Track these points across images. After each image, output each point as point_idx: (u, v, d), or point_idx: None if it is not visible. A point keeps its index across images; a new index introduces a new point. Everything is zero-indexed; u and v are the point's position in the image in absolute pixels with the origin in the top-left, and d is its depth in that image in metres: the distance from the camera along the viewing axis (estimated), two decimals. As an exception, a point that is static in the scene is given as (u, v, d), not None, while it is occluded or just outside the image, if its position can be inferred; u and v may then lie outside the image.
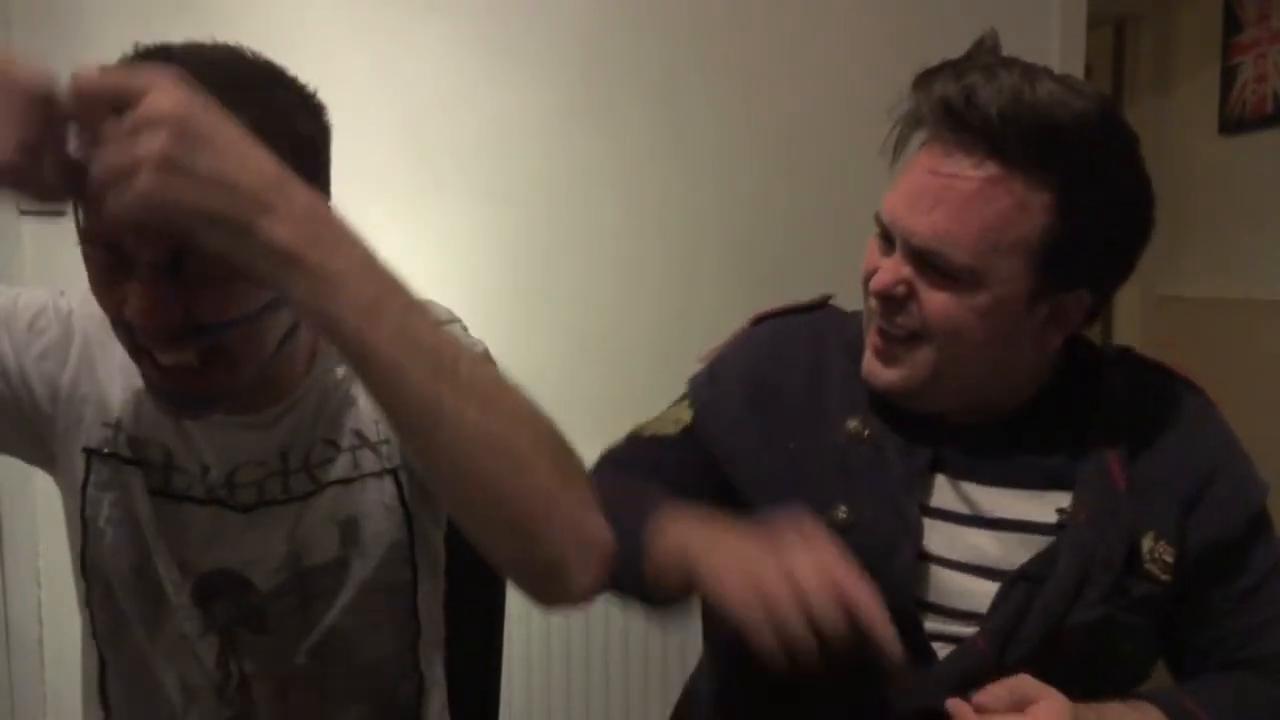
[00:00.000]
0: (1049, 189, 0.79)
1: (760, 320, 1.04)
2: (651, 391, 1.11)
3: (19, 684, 1.86)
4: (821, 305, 1.04)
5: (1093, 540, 0.84)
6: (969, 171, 0.80)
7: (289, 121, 0.75)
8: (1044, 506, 0.87)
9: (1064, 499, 0.87)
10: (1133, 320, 3.06)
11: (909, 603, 0.86)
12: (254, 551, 0.87)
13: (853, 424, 0.91)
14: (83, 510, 0.88)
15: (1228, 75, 2.63)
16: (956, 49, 0.98)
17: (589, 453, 2.12)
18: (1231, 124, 2.63)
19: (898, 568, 0.86)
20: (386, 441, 0.89)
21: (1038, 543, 0.86)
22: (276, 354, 0.81)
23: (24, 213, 1.80)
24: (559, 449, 0.70)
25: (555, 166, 1.96)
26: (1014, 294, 0.82)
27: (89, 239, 0.71)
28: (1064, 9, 2.06)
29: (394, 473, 0.89)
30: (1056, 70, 0.85)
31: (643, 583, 0.85)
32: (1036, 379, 0.91)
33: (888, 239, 0.87)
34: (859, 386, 0.92)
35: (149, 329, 0.71)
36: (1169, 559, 0.85)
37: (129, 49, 0.74)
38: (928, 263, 0.83)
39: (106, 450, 0.87)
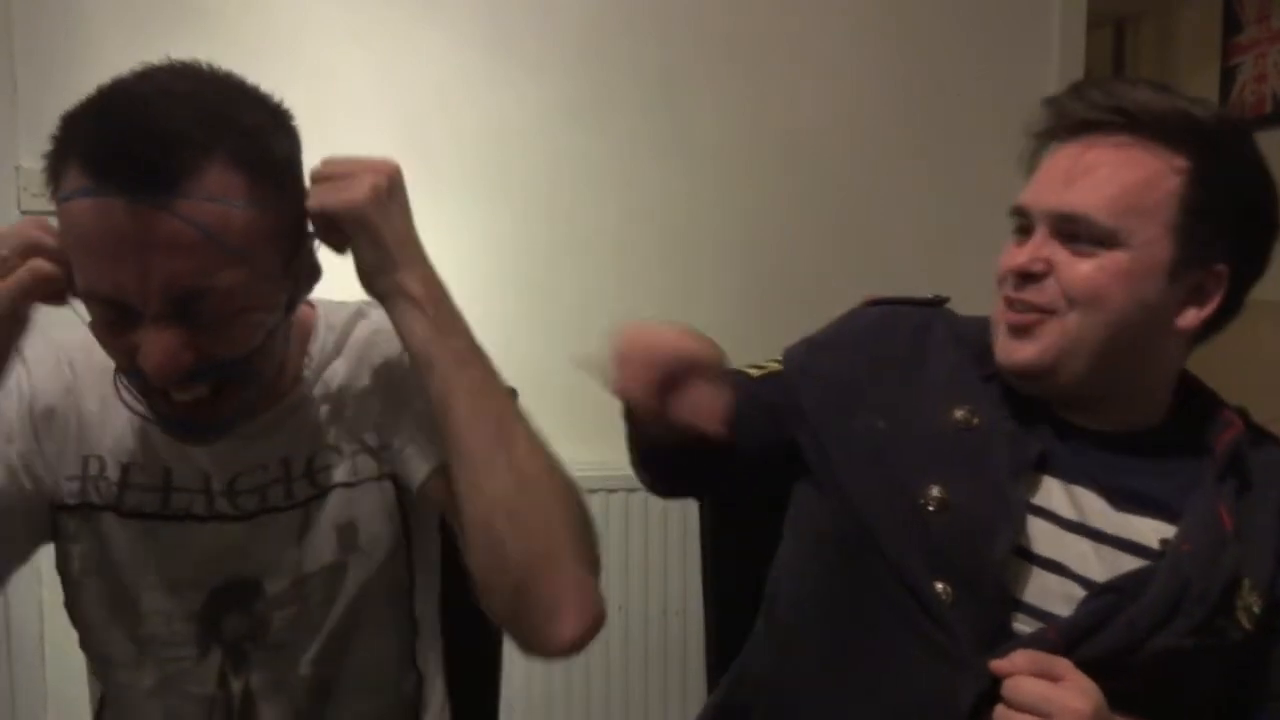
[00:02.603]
0: (1185, 156, 0.85)
1: (873, 303, 1.05)
2: (651, 391, 1.12)
3: (20, 684, 1.86)
4: (937, 303, 1.05)
5: (1192, 572, 0.83)
6: (1107, 144, 0.86)
7: (266, 144, 0.74)
8: (1143, 530, 0.87)
9: (1165, 529, 0.87)
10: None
11: (1002, 595, 0.86)
12: (266, 559, 0.87)
13: (960, 412, 0.91)
14: (58, 564, 0.89)
15: (1228, 75, 2.63)
16: (957, 48, 0.98)
17: (589, 452, 2.12)
18: (1231, 124, 2.63)
19: (995, 556, 0.85)
20: (386, 447, 0.89)
21: (1130, 563, 0.86)
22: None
23: (25, 213, 1.80)
24: (579, 521, 0.80)
25: (555, 166, 1.97)
26: (1154, 260, 0.85)
27: (89, 296, 0.72)
28: (1064, 9, 2.06)
29: (393, 477, 0.89)
30: (1056, 70, 0.87)
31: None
32: (1162, 394, 0.93)
33: (1022, 228, 0.91)
34: (970, 379, 0.93)
35: (167, 380, 0.72)
36: (1257, 610, 0.85)
37: (130, 50, 0.73)
38: (1069, 233, 0.86)
39: (73, 502, 0.86)
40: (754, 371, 1.00)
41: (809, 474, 0.98)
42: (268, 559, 0.87)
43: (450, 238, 1.98)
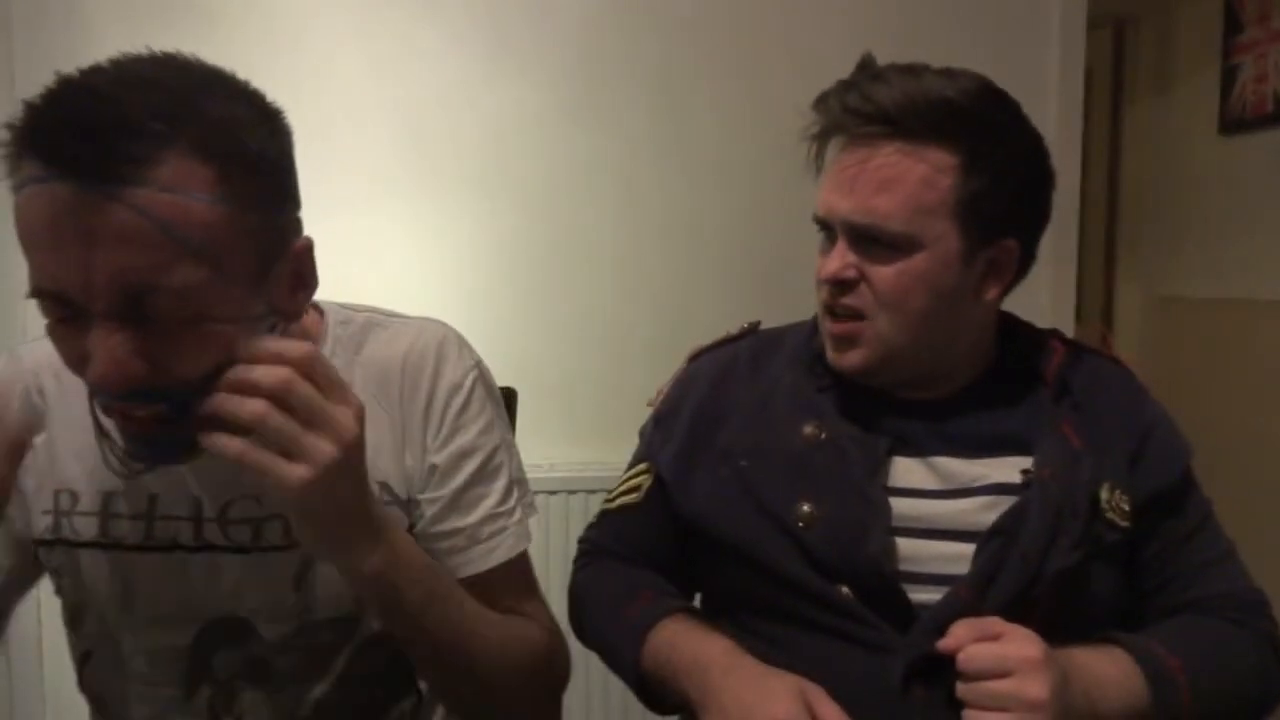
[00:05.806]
0: (954, 153, 0.89)
1: (696, 356, 1.10)
2: (650, 389, 1.12)
3: (18, 685, 1.86)
4: (754, 330, 1.11)
5: (1058, 493, 0.90)
6: (882, 155, 0.90)
7: (238, 137, 0.67)
8: (1004, 470, 0.93)
9: (1023, 461, 0.93)
10: (1132, 320, 3.06)
11: (890, 577, 0.90)
12: (259, 598, 0.83)
13: (808, 429, 0.96)
14: (57, 592, 0.87)
15: (1228, 75, 2.63)
16: (957, 49, 0.99)
17: (586, 452, 2.10)
18: (1231, 124, 2.63)
19: (871, 546, 0.90)
20: (410, 500, 0.86)
21: (1004, 503, 0.91)
22: None
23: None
24: (536, 687, 0.86)
25: (555, 166, 1.97)
26: (948, 252, 0.90)
27: (38, 293, 0.66)
28: (1064, 9, 2.06)
29: (410, 528, 0.85)
30: (1056, 70, 0.88)
31: (637, 685, 0.95)
32: (985, 348, 0.99)
33: (828, 236, 0.96)
34: (809, 394, 0.99)
35: (113, 390, 0.65)
36: (1126, 507, 0.93)
37: (130, 50, 0.71)
38: (868, 239, 0.91)
39: (50, 537, 0.84)
40: (635, 496, 1.05)
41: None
42: (262, 602, 0.82)
43: (450, 237, 1.98)
